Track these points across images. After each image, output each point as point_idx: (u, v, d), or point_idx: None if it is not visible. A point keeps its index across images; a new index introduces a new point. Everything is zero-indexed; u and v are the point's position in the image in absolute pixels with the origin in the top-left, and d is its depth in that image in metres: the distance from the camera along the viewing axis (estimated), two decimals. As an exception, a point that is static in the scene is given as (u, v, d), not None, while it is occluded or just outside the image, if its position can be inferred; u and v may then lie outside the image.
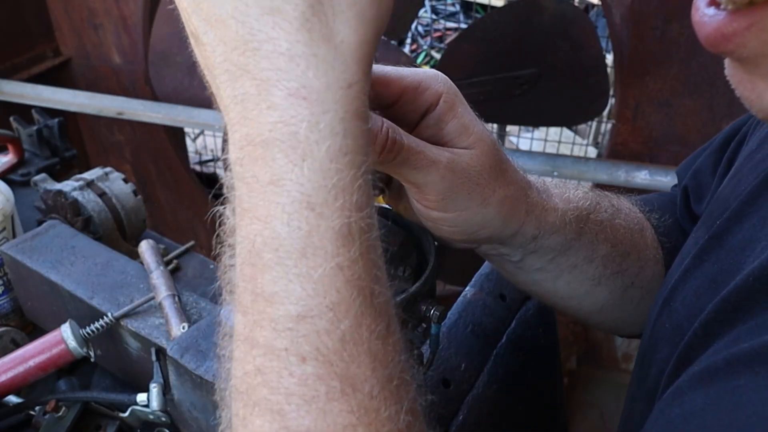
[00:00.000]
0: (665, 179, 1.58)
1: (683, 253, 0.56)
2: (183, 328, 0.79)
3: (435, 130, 0.49)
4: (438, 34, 3.80)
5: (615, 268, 0.62)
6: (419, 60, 3.56)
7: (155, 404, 0.79)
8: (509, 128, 2.78)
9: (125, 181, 1.13)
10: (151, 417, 0.80)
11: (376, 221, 0.38)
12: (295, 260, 0.35)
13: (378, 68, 0.48)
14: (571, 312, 0.66)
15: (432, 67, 3.43)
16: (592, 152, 2.64)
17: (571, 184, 0.63)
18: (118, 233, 1.11)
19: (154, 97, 1.97)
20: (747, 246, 0.45)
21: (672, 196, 0.74)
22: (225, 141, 0.38)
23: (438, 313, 0.54)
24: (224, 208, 0.39)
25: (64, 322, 0.85)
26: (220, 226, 0.40)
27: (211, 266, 1.09)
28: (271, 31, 0.34)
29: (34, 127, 1.42)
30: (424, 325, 0.57)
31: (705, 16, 0.34)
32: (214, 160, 2.91)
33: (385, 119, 0.46)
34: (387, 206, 0.60)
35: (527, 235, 0.55)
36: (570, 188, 0.61)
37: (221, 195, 0.40)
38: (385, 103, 0.49)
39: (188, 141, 2.86)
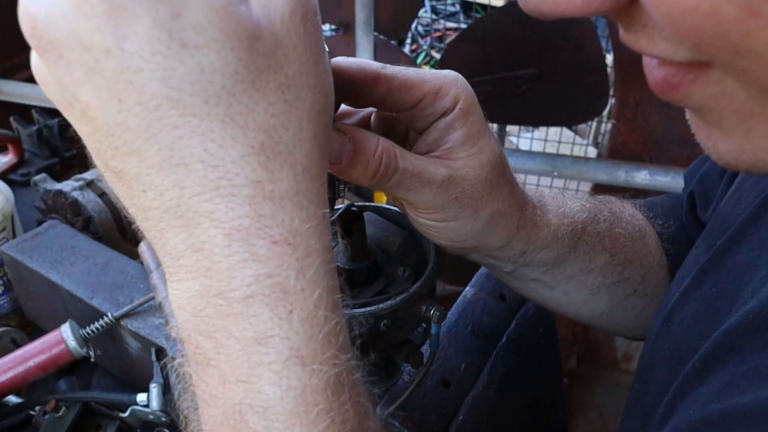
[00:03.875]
0: (665, 179, 1.58)
1: (684, 269, 0.56)
2: (183, 328, 0.79)
3: (442, 134, 0.48)
4: (438, 34, 3.79)
5: (615, 278, 0.61)
6: (419, 60, 3.56)
7: (155, 404, 0.79)
8: (509, 128, 2.78)
9: (125, 181, 1.13)
10: (151, 417, 0.80)
11: (353, 352, 0.36)
12: (285, 422, 0.32)
13: (400, 71, 0.46)
14: (570, 317, 0.66)
15: (432, 67, 3.43)
16: (592, 152, 2.64)
17: (570, 194, 0.62)
18: (118, 233, 1.11)
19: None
20: (745, 272, 0.44)
21: (679, 200, 0.73)
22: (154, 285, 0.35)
23: (438, 313, 0.54)
24: (174, 362, 0.37)
25: (64, 322, 0.85)
26: (176, 379, 0.37)
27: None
28: (253, 173, 0.31)
29: (34, 127, 1.42)
30: (424, 325, 0.57)
31: (653, 61, 0.33)
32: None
33: (381, 139, 0.45)
34: (387, 206, 0.60)
35: (515, 249, 0.55)
36: (568, 200, 0.59)
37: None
38: (404, 107, 0.48)
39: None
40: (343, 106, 0.51)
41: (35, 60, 0.32)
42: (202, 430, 0.36)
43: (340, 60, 0.46)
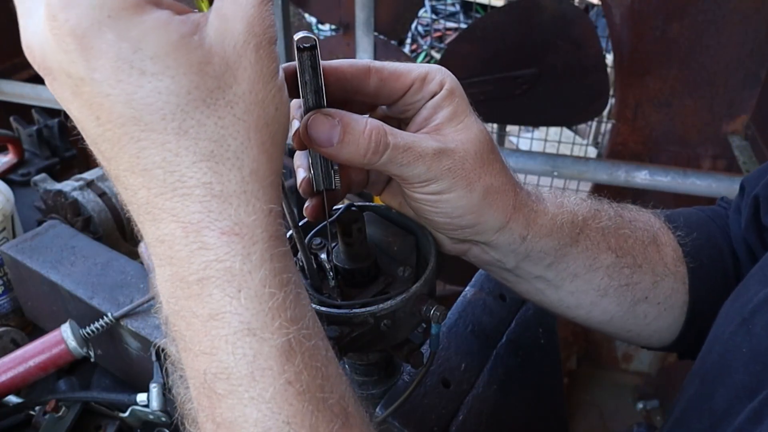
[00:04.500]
0: (665, 179, 1.58)
1: (766, 269, 0.55)
2: (183, 328, 0.79)
3: (430, 113, 0.51)
4: (438, 34, 3.80)
5: (623, 280, 0.61)
6: (419, 60, 3.56)
7: (155, 404, 0.79)
8: (509, 128, 2.78)
9: (125, 181, 1.13)
10: (151, 417, 0.80)
11: (315, 323, 0.41)
12: (246, 385, 0.38)
13: (388, 64, 0.51)
14: (580, 321, 0.65)
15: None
16: (592, 152, 2.64)
17: (569, 193, 0.62)
18: (118, 233, 1.11)
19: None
20: None
21: (708, 213, 0.71)
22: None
23: (438, 313, 0.54)
24: (163, 340, 0.42)
25: (64, 322, 0.85)
26: (165, 359, 0.43)
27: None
28: (204, 176, 0.37)
29: (34, 127, 1.42)
30: (424, 325, 0.57)
31: None
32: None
33: (369, 119, 0.48)
34: (387, 206, 0.60)
35: (515, 233, 0.55)
36: (565, 195, 0.60)
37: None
38: (396, 95, 0.52)
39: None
40: None
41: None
42: (191, 402, 0.42)
43: (332, 61, 0.50)
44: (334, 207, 0.58)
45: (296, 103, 0.50)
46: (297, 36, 0.45)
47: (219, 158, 0.37)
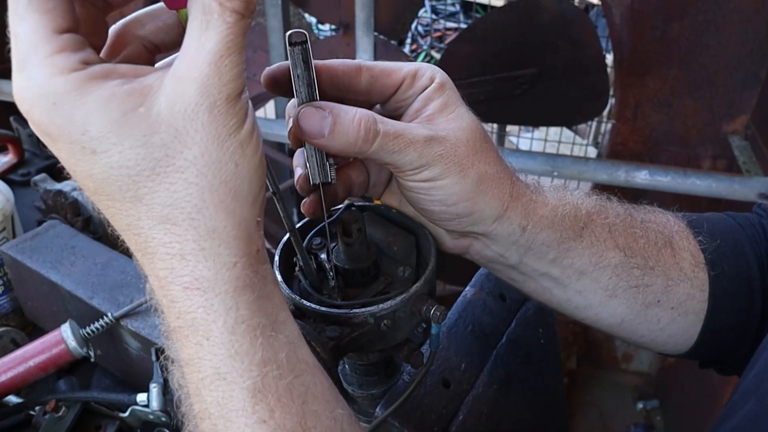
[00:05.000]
0: (665, 179, 1.58)
1: None
2: (183, 328, 0.79)
3: (421, 105, 0.52)
4: (438, 34, 3.80)
5: (633, 282, 0.59)
6: (419, 60, 3.56)
7: (155, 404, 0.79)
8: (509, 128, 2.78)
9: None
10: (151, 417, 0.80)
11: (294, 362, 0.43)
12: (222, 426, 0.41)
13: (378, 62, 0.53)
14: (590, 323, 0.64)
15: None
16: (592, 152, 2.64)
17: (573, 188, 0.61)
18: (118, 233, 1.11)
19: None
20: None
21: (743, 221, 0.68)
22: None
23: (438, 313, 0.54)
24: (170, 375, 0.45)
25: (64, 322, 0.85)
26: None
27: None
28: (164, 237, 0.39)
29: (34, 127, 1.42)
30: (424, 325, 0.57)
31: None
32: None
33: (359, 110, 0.48)
34: (387, 206, 0.60)
35: (514, 223, 0.54)
36: (568, 190, 0.59)
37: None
38: (388, 93, 0.53)
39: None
40: None
41: None
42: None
43: (324, 60, 0.51)
44: (334, 207, 0.58)
45: (292, 103, 0.50)
46: (288, 32, 0.46)
47: (174, 220, 0.39)
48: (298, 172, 0.53)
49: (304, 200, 0.55)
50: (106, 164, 0.37)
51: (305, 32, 0.46)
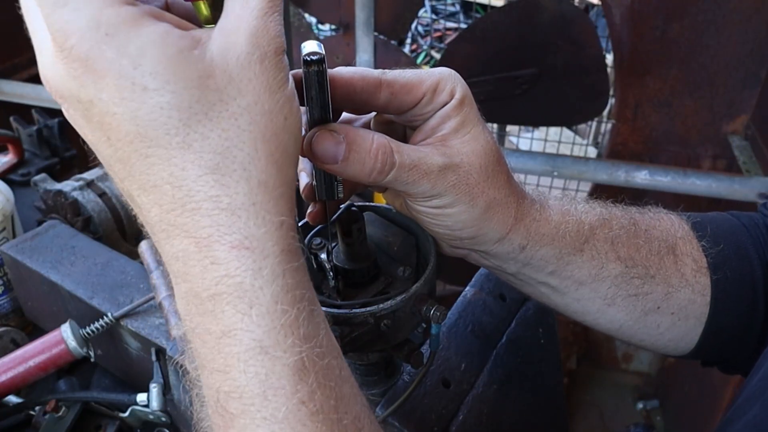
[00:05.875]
0: (665, 179, 1.58)
1: None
2: (183, 328, 0.79)
3: (438, 122, 0.50)
4: (438, 34, 3.80)
5: (632, 291, 0.59)
6: (419, 60, 3.56)
7: (155, 404, 0.79)
8: (509, 128, 2.78)
9: (125, 181, 1.13)
10: (151, 417, 0.80)
11: (329, 341, 0.40)
12: (258, 405, 0.37)
13: (400, 75, 0.49)
14: (589, 325, 0.64)
15: (432, 67, 3.44)
16: (592, 152, 2.64)
17: (583, 198, 0.61)
18: (118, 233, 1.11)
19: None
20: None
21: (748, 221, 0.67)
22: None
23: (438, 313, 0.54)
24: (182, 357, 0.42)
25: (64, 322, 0.85)
26: (184, 376, 0.43)
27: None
28: (211, 189, 0.36)
29: (34, 127, 1.42)
30: (424, 325, 0.57)
31: None
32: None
33: (376, 135, 0.47)
34: (387, 206, 0.60)
35: (514, 243, 0.54)
36: (575, 202, 0.59)
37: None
38: (406, 108, 0.50)
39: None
40: (344, 114, 0.52)
41: None
42: (207, 420, 0.41)
43: (342, 70, 0.48)
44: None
45: (301, 110, 0.49)
46: (305, 48, 0.44)
47: (225, 170, 0.36)
48: (303, 177, 0.53)
49: (309, 210, 0.54)
50: (156, 104, 0.35)
51: (321, 50, 0.44)
